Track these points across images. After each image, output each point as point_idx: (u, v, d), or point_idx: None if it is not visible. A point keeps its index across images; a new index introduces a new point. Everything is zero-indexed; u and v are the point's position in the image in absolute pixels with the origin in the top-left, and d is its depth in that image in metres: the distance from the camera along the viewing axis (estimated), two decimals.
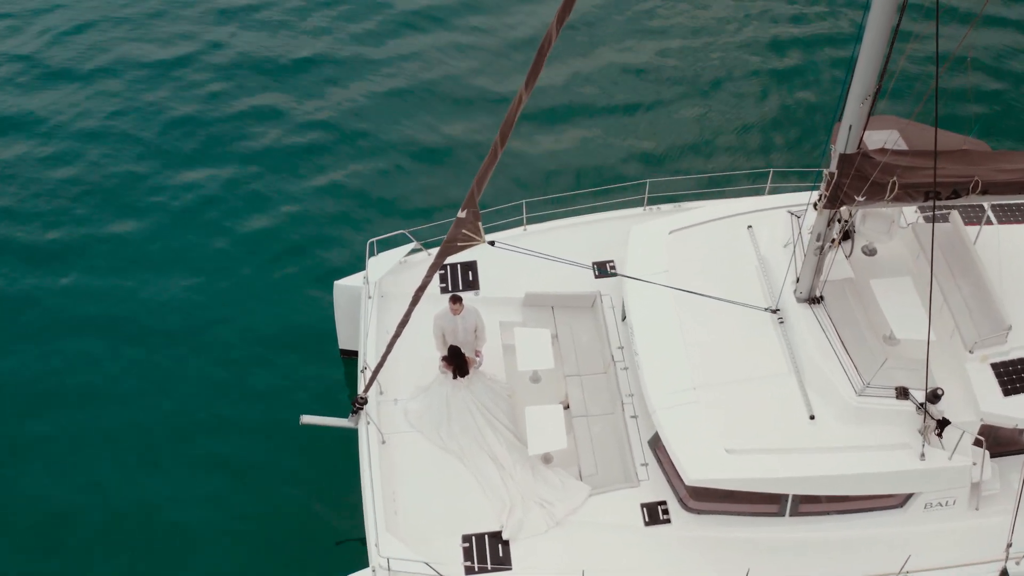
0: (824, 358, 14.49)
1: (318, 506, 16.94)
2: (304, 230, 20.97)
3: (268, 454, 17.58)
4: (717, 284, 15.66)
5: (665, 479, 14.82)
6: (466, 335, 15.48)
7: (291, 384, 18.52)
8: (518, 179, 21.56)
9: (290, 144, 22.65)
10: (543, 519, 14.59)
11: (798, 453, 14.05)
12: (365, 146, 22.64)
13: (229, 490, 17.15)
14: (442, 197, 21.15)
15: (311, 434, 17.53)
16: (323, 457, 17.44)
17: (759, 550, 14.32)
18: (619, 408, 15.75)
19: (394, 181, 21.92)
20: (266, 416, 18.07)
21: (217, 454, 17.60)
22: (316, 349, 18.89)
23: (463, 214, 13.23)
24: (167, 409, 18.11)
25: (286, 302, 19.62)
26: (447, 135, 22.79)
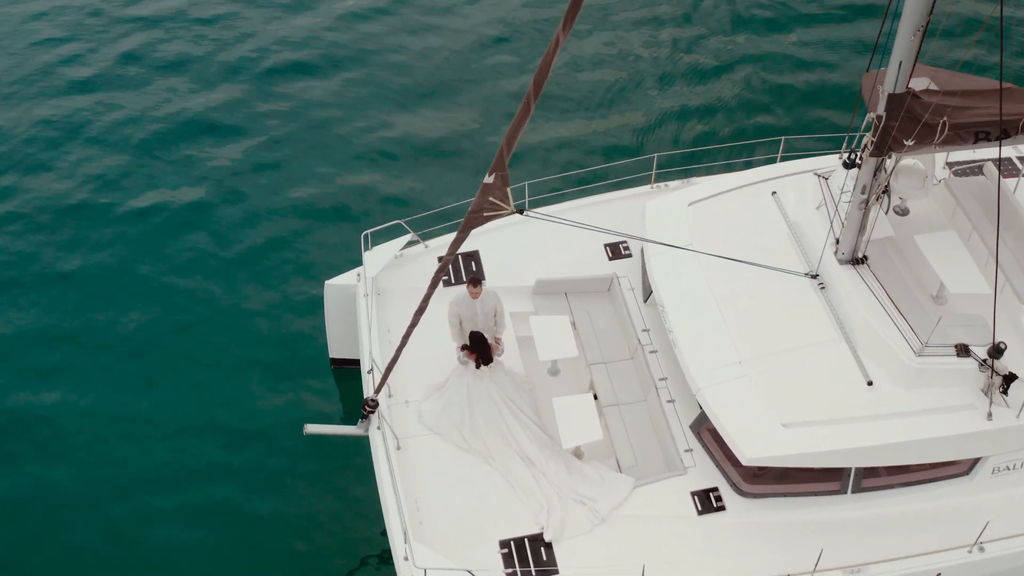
0: (877, 320, 13.97)
1: (327, 524, 15.89)
2: (289, 228, 20.12)
3: (261, 475, 16.50)
4: (747, 254, 15.06)
5: (714, 464, 14.12)
6: (486, 321, 14.62)
7: (276, 400, 17.45)
8: (514, 163, 20.79)
9: (270, 139, 21.89)
10: (587, 517, 13.75)
11: (859, 422, 13.46)
12: (351, 138, 21.93)
13: (226, 517, 15.99)
14: (436, 186, 20.42)
15: (310, 448, 16.62)
16: (322, 471, 16.51)
17: (823, 532, 13.66)
18: (653, 394, 15.03)
19: (383, 172, 21.19)
20: (251, 441, 17.01)
21: (201, 477, 16.51)
22: (304, 359, 17.86)
23: (490, 179, 12.41)
24: (139, 456, 17.00)
25: (268, 308, 18.66)
26: (435, 124, 22.15)
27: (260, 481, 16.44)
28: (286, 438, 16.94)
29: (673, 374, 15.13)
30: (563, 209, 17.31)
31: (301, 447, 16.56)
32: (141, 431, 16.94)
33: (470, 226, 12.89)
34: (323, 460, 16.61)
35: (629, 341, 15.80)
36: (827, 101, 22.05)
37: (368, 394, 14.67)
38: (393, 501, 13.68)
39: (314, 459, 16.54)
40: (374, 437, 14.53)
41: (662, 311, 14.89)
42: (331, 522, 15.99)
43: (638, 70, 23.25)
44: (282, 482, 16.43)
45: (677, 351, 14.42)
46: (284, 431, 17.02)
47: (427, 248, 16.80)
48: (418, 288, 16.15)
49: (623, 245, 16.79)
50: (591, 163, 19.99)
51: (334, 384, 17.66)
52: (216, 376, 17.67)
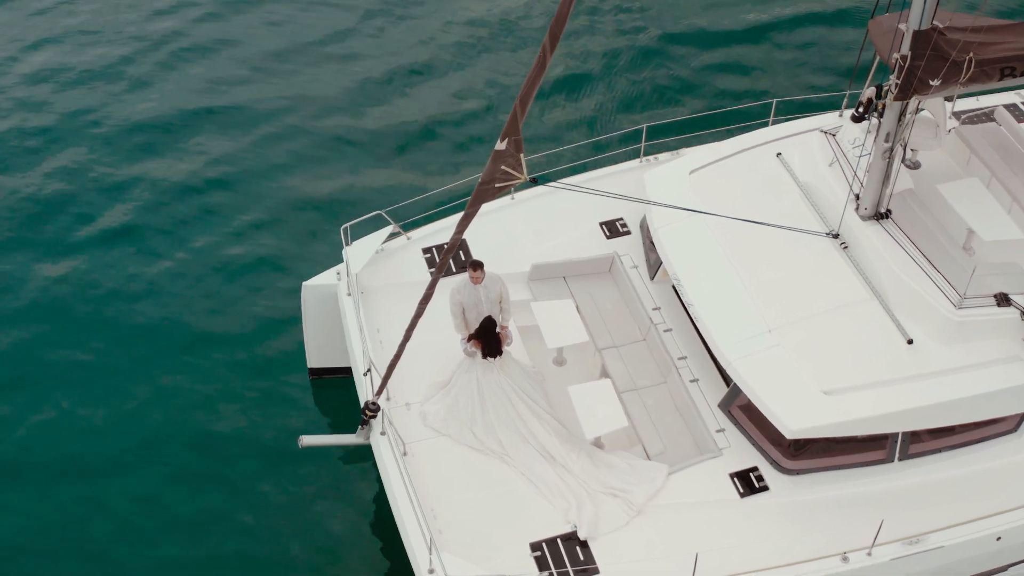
0: (910, 275, 13.63)
1: (326, 544, 15.00)
2: (257, 226, 19.26)
3: (251, 496, 15.52)
4: (759, 218, 14.56)
5: (750, 442, 13.59)
6: (491, 308, 13.89)
7: (249, 420, 16.45)
8: (485, 139, 20.24)
9: (232, 136, 21.05)
10: (621, 510, 13.08)
11: (903, 383, 13.08)
12: (318, 129, 21.14)
13: (213, 549, 14.97)
14: (414, 173, 19.71)
15: (292, 466, 15.72)
16: (305, 489, 15.69)
17: (874, 504, 13.20)
18: (673, 375, 14.46)
19: (356, 162, 20.42)
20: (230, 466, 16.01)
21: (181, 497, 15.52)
22: (279, 372, 16.94)
23: (502, 145, 11.71)
24: None
25: (237, 317, 17.70)
26: (408, 110, 21.48)
27: (240, 508, 15.46)
28: (264, 459, 15.98)
29: (693, 352, 14.59)
30: (550, 189, 16.66)
31: (282, 468, 15.67)
32: (103, 448, 15.91)
33: (481, 200, 12.17)
34: (303, 478, 15.76)
35: (640, 321, 15.21)
36: (812, 64, 21.81)
37: (368, 398, 13.82)
38: (410, 510, 12.88)
39: (295, 478, 15.67)
40: (378, 444, 13.70)
41: (678, 285, 14.34)
42: (329, 541, 15.09)
43: (614, 46, 22.76)
44: (263, 508, 15.45)
45: (701, 325, 13.88)
46: (261, 453, 16.05)
47: (410, 240, 16.04)
48: (404, 283, 15.45)
49: (620, 222, 16.24)
50: (573, 140, 19.39)
51: (313, 398, 16.73)
52: (181, 396, 16.63)
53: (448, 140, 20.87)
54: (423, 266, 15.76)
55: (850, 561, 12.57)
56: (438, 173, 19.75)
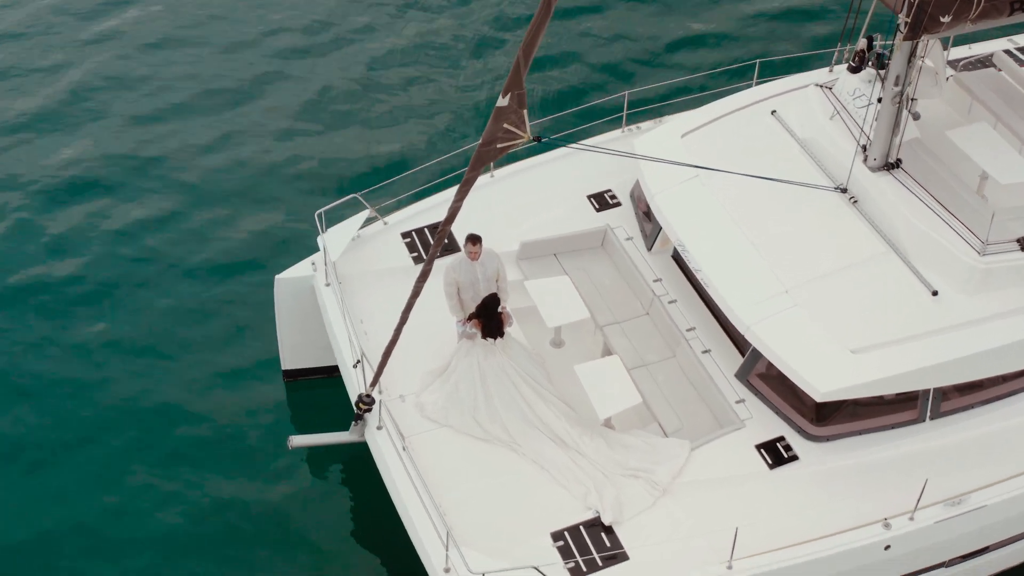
0: (929, 224, 13.34)
1: (321, 550, 14.18)
2: (220, 216, 18.36)
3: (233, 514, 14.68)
4: (758, 180, 14.18)
5: (773, 411, 13.14)
6: (488, 287, 13.27)
7: (220, 430, 15.59)
8: (462, 116, 19.58)
9: (187, 121, 20.24)
10: (645, 491, 12.53)
11: (932, 336, 12.77)
12: (282, 110, 20.39)
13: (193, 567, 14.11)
14: (387, 154, 18.98)
15: (268, 476, 14.98)
16: (285, 500, 14.87)
17: (908, 466, 12.83)
18: (683, 347, 13.97)
19: (325, 144, 19.63)
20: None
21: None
22: (249, 375, 16.12)
23: (504, 100, 11.12)
24: None
25: (201, 318, 16.86)
26: (378, 91, 20.81)
27: (219, 521, 14.60)
28: (243, 469, 15.14)
29: (701, 322, 14.13)
30: (530, 165, 16.19)
31: (262, 477, 14.89)
32: (71, 462, 15.06)
33: (482, 162, 11.57)
34: (287, 485, 14.99)
35: (641, 295, 14.70)
36: (785, 33, 21.62)
37: (361, 391, 13.11)
38: (419, 506, 12.23)
39: (278, 485, 14.90)
40: (375, 440, 13.03)
41: (683, 251, 13.87)
42: (319, 549, 14.30)
43: (586, 23, 22.32)
44: (245, 519, 14.62)
45: (712, 291, 13.42)
46: (238, 463, 15.21)
47: (387, 225, 15.37)
48: (384, 270, 14.82)
49: (608, 194, 15.75)
50: (550, 112, 18.84)
51: (288, 402, 15.91)
52: (148, 410, 15.72)
53: (422, 120, 20.16)
54: (403, 251, 15.10)
55: (892, 527, 12.16)
56: (413, 154, 19.06)
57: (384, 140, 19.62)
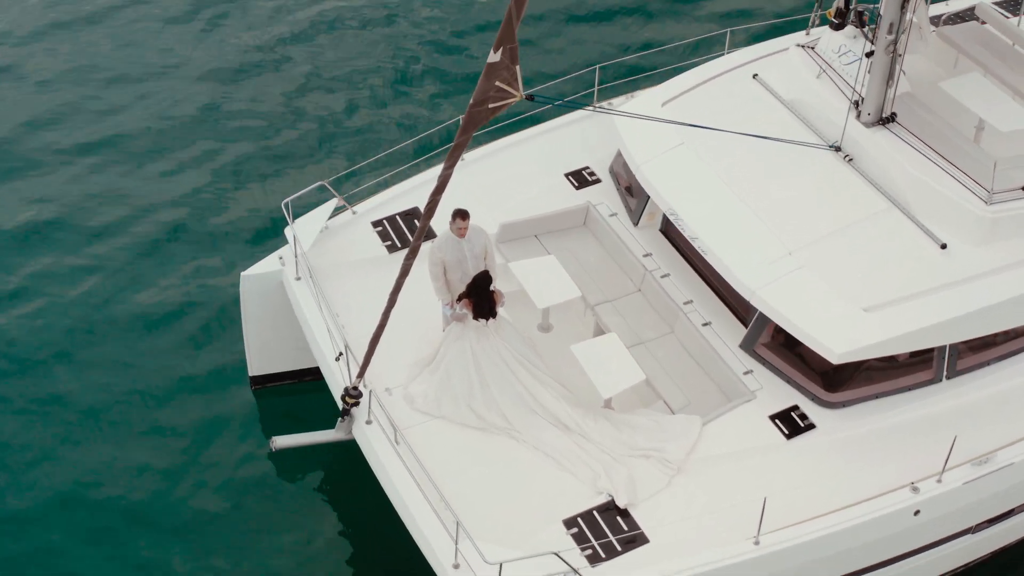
0: (932, 177, 13.15)
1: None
2: (173, 211, 17.58)
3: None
4: (747, 141, 13.90)
5: (784, 380, 12.80)
6: (476, 265, 12.73)
7: (179, 446, 14.82)
8: (429, 99, 18.97)
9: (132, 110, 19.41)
10: (658, 470, 12.06)
11: (946, 290, 12.54)
12: (235, 99, 19.67)
13: None
14: (352, 137, 18.25)
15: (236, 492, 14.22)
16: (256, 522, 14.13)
17: (927, 429, 12.53)
18: (681, 321, 13.58)
19: (285, 131, 18.96)
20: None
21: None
22: (212, 383, 15.38)
23: (496, 56, 10.62)
24: None
25: (158, 322, 16.06)
26: (339, 71, 20.19)
27: (190, 544, 13.84)
28: (215, 485, 14.40)
29: (698, 294, 13.75)
30: (501, 146, 15.71)
31: (235, 494, 14.20)
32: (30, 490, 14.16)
33: (474, 124, 11.05)
34: (264, 497, 14.32)
35: (631, 271, 14.27)
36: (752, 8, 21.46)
37: (347, 384, 12.46)
38: (421, 501, 11.63)
39: (254, 498, 14.20)
40: (365, 435, 12.43)
41: (675, 220, 13.48)
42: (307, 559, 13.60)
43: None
44: (219, 537, 13.89)
45: (712, 258, 13.05)
46: (209, 481, 14.45)
47: (355, 214, 14.77)
48: (356, 262, 14.20)
49: (587, 171, 15.34)
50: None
51: (257, 410, 15.16)
52: (107, 428, 14.92)
53: (388, 103, 19.56)
54: (375, 240, 14.52)
55: (920, 491, 11.82)
56: (378, 139, 18.46)
57: (348, 125, 19.01)
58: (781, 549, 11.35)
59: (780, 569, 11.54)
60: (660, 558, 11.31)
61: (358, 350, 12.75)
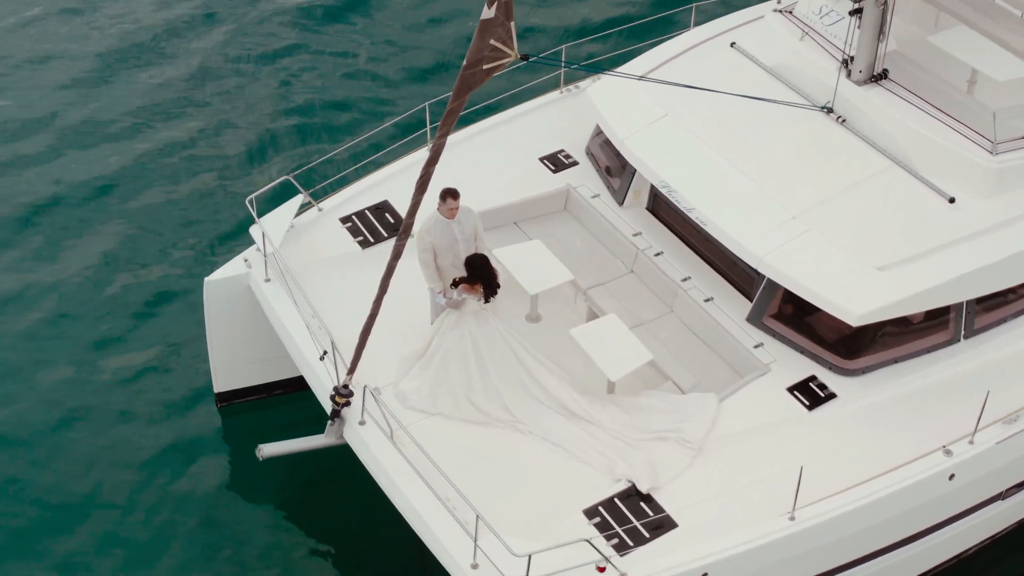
0: (932, 131, 13.05)
1: None
2: (124, 214, 16.84)
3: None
4: (733, 110, 13.70)
5: (797, 351, 12.51)
6: (467, 247, 12.24)
7: (142, 468, 14.04)
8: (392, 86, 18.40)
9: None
10: (678, 452, 11.62)
11: (958, 245, 12.37)
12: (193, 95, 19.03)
13: None
14: (312, 129, 17.61)
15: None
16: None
17: (949, 391, 12.30)
18: (680, 299, 13.26)
19: (239, 122, 18.34)
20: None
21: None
22: (174, 404, 14.60)
23: (490, 12, 10.20)
24: None
25: (110, 339, 15.24)
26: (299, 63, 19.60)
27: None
28: (185, 514, 13.63)
29: (695, 270, 13.45)
30: (472, 133, 15.26)
31: (199, 519, 13.50)
32: None
33: (467, 88, 10.61)
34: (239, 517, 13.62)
35: (621, 252, 13.89)
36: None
37: (335, 384, 11.84)
38: (431, 499, 11.05)
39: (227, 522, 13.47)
40: (359, 437, 11.85)
41: (669, 192, 13.13)
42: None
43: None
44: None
45: (712, 228, 12.74)
46: (179, 510, 13.67)
47: (321, 211, 14.19)
48: (327, 259, 13.65)
49: (562, 154, 14.96)
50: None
51: (222, 433, 14.41)
52: (59, 441, 14.09)
53: (351, 90, 19.08)
54: (345, 237, 13.96)
55: (953, 453, 11.55)
56: (338, 130, 17.90)
57: (309, 117, 18.50)
58: (817, 523, 10.98)
59: (816, 545, 11.16)
60: (691, 541, 10.86)
61: (343, 348, 12.14)
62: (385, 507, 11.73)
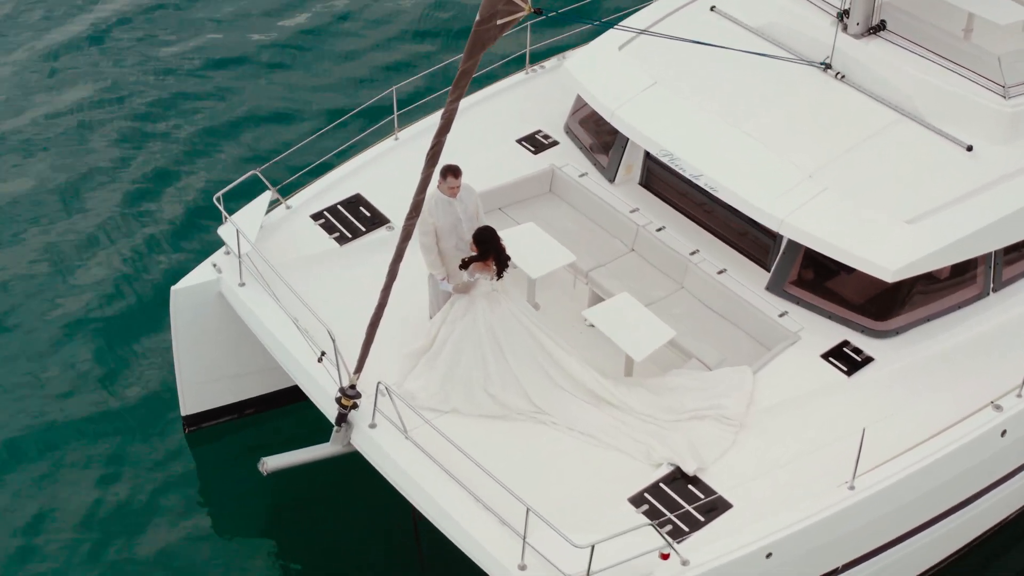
0: (942, 80, 12.97)
1: None
2: (85, 217, 15.91)
3: None
4: (726, 74, 13.49)
5: (825, 316, 12.25)
6: (471, 228, 11.67)
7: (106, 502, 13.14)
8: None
9: None
10: (720, 430, 11.24)
11: (983, 193, 12.26)
12: None
13: None
14: (277, 128, 16.78)
15: None
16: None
17: (985, 346, 12.18)
18: (692, 273, 12.91)
19: (201, 118, 17.60)
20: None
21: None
22: (136, 430, 13.73)
23: None
24: None
25: (65, 359, 14.29)
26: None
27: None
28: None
29: (702, 242, 13.16)
30: (434, 122, 14.64)
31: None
32: None
33: (481, 45, 10.07)
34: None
35: (619, 231, 13.48)
36: None
37: (341, 384, 11.15)
38: (465, 499, 10.44)
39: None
40: (371, 441, 11.20)
41: (671, 161, 12.79)
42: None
43: None
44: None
45: (724, 194, 12.46)
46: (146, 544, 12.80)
47: (289, 209, 13.50)
48: (303, 259, 12.93)
49: (541, 135, 14.54)
50: (431, 64, 17.39)
51: (193, 462, 13.55)
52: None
53: (314, 79, 18.41)
54: (320, 235, 13.31)
55: (1004, 408, 11.37)
56: (303, 124, 17.16)
57: (270, 109, 17.81)
58: (877, 491, 10.66)
59: (876, 515, 10.83)
60: (749, 521, 10.43)
61: (341, 348, 11.45)
62: None
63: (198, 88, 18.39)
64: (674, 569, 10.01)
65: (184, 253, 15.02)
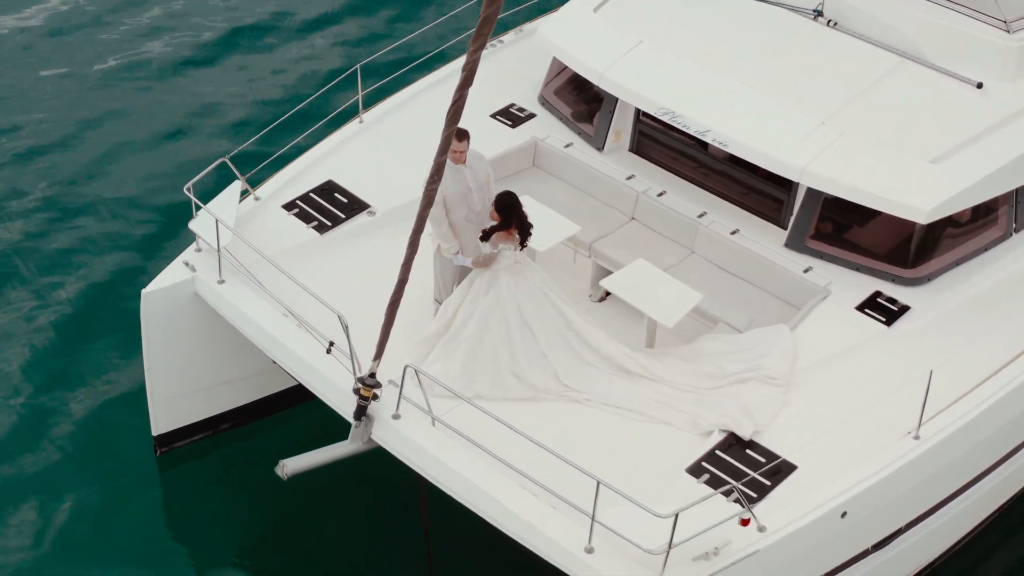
0: (944, 19, 13.02)
1: None
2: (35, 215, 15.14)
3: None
4: (713, 30, 13.36)
5: (852, 268, 12.09)
6: (481, 197, 11.21)
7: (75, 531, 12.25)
8: None
9: None
10: (767, 390, 10.93)
11: (1001, 128, 12.24)
12: None
13: None
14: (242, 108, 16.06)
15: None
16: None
17: (1017, 287, 12.12)
18: (702, 236, 12.63)
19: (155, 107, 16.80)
20: None
21: None
22: (98, 457, 12.87)
23: None
24: None
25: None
26: None
27: None
28: None
29: (709, 204, 12.89)
30: (403, 99, 14.19)
31: None
32: None
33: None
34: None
35: (617, 200, 13.12)
36: None
37: (359, 374, 10.47)
38: (516, 483, 9.94)
39: None
40: (396, 433, 10.60)
41: (673, 119, 12.52)
42: None
43: None
44: None
45: (736, 148, 12.23)
46: None
47: (258, 200, 12.79)
48: (281, 251, 12.14)
49: (515, 108, 14.12)
50: (391, 39, 16.78)
51: (161, 490, 12.69)
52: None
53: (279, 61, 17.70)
54: (297, 224, 12.64)
55: None
56: (266, 106, 16.39)
57: (230, 96, 17.15)
58: (943, 438, 10.45)
59: (942, 464, 10.63)
60: (820, 482, 10.11)
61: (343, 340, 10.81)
62: None
63: (152, 82, 17.81)
64: (752, 536, 9.64)
65: (140, 254, 14.20)
